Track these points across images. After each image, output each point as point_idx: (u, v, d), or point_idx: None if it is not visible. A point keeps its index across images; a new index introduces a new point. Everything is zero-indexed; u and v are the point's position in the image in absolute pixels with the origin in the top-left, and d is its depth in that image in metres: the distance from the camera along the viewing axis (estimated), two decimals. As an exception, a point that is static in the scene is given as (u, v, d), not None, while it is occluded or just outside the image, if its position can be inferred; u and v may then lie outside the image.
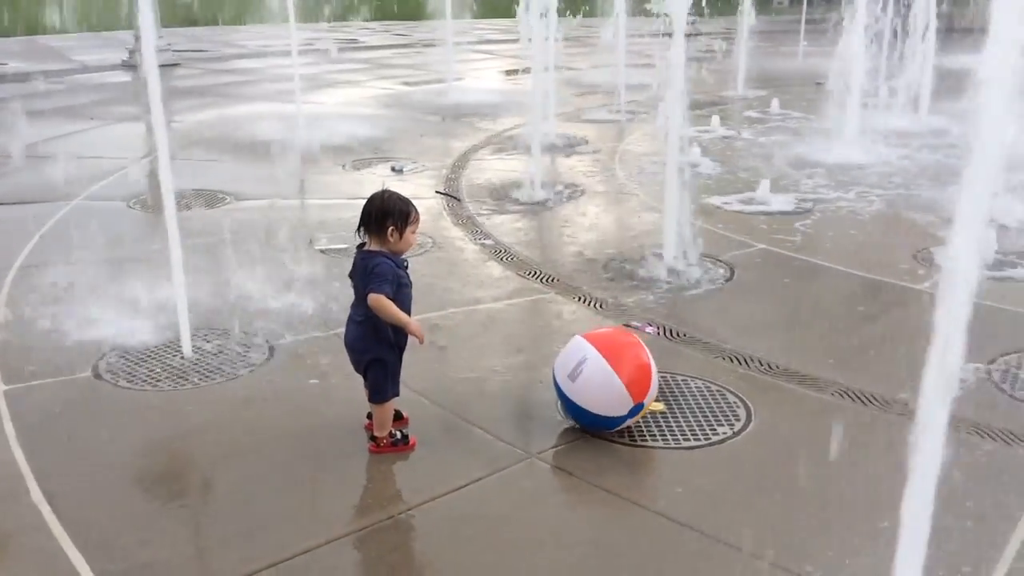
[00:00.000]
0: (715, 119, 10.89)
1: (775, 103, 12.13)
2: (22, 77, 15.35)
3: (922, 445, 2.25)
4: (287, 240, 6.51)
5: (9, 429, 3.83)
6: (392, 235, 3.48)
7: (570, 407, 3.82)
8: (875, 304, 5.40)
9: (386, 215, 3.48)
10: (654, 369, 3.78)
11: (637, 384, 3.70)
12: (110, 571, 2.93)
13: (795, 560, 2.98)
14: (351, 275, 3.62)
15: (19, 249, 6.17)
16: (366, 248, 3.54)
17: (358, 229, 3.54)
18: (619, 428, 3.79)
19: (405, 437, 3.74)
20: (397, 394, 3.68)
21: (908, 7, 10.67)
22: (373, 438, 3.70)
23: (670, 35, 5.59)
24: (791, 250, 6.29)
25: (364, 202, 3.54)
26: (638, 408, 3.73)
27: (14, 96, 13.30)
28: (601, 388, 3.68)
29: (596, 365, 3.70)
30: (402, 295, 3.52)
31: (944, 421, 2.21)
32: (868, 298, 5.50)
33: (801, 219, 7.11)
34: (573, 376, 3.73)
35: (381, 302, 3.40)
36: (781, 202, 7.52)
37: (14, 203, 7.50)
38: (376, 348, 3.54)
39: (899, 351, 4.45)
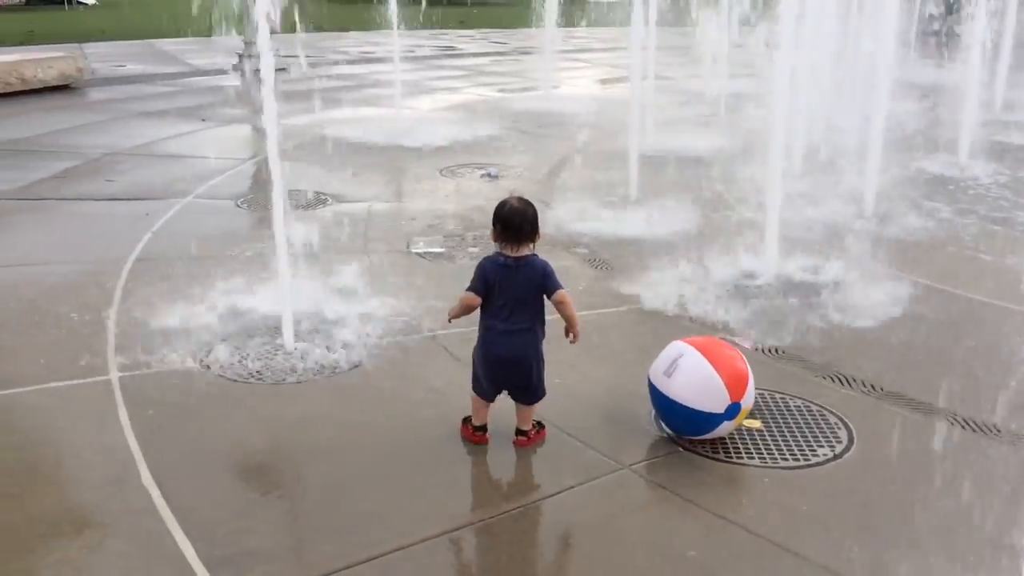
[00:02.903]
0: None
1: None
2: (139, 79, 16.12)
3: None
4: (385, 242, 6.65)
5: (123, 415, 4.01)
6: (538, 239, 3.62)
7: (664, 406, 3.76)
8: (988, 329, 5.16)
9: (536, 219, 3.60)
10: (751, 376, 3.71)
11: (735, 381, 3.63)
12: (214, 556, 3.04)
13: (898, 590, 2.87)
14: (494, 283, 3.54)
15: (135, 243, 6.46)
16: (519, 255, 3.56)
17: (512, 237, 3.54)
18: (714, 434, 3.71)
19: (540, 424, 3.87)
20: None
21: None
22: (522, 432, 3.78)
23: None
24: (893, 267, 6.06)
25: (506, 212, 3.56)
26: (735, 409, 3.64)
27: (131, 97, 14.00)
28: (697, 380, 3.63)
29: (693, 360, 3.67)
30: None
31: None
32: (981, 322, 5.26)
33: (907, 236, 6.88)
34: (668, 372, 3.70)
35: (568, 297, 3.58)
36: (891, 219, 7.29)
37: (131, 199, 7.87)
38: (541, 350, 3.67)
39: (1014, 379, 4.28)
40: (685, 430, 3.78)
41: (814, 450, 3.76)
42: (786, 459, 3.70)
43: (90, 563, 3.03)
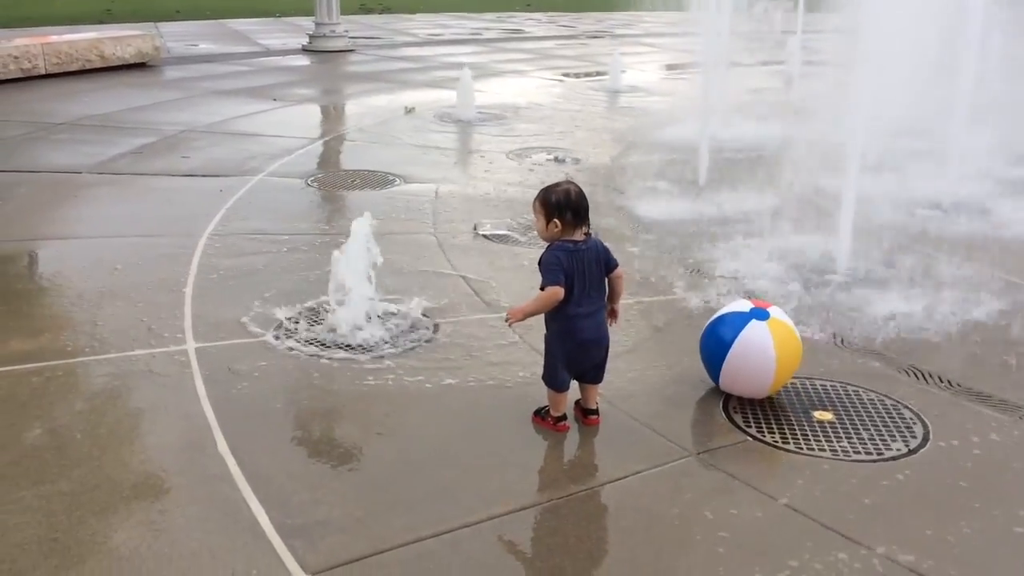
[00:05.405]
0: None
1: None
2: (212, 58, 16.43)
3: None
4: (452, 223, 6.69)
5: (199, 384, 4.12)
6: None
7: (703, 338, 4.10)
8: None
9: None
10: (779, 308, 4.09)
11: (759, 302, 4.09)
12: (287, 525, 3.11)
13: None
14: (571, 271, 3.54)
15: (210, 218, 6.62)
16: (583, 239, 3.61)
17: (581, 220, 3.62)
18: (747, 339, 3.85)
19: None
20: None
21: None
22: (593, 411, 3.84)
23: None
24: (972, 262, 5.88)
25: (575, 198, 3.60)
26: (761, 312, 3.92)
27: (205, 76, 14.29)
28: (728, 304, 4.18)
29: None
30: None
31: None
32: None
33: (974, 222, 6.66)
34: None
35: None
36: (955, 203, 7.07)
37: (205, 175, 8.05)
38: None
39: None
40: (719, 345, 3.94)
41: (888, 444, 3.68)
42: (858, 452, 3.63)
43: (168, 526, 3.12)
